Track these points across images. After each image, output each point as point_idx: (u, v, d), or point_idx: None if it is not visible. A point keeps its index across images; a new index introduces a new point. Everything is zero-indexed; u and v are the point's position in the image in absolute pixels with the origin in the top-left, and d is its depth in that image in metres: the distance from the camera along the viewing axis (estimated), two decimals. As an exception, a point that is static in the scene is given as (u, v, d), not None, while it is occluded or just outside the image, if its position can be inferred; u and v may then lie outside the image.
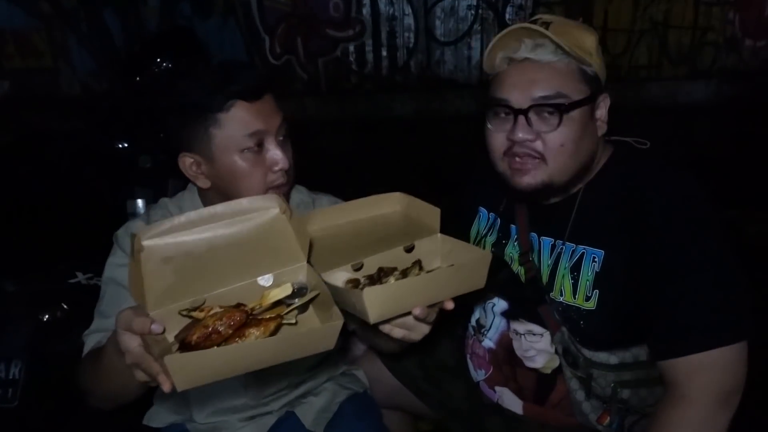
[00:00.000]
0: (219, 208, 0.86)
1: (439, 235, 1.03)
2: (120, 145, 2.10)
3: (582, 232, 1.12)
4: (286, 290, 0.86)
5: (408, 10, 6.16)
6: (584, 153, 1.09)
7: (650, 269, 1.03)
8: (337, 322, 0.78)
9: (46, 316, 1.55)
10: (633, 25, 6.24)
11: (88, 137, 2.26)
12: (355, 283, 0.94)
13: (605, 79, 1.11)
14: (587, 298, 1.11)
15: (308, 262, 0.93)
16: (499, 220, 1.32)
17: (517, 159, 1.08)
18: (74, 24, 5.53)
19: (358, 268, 0.99)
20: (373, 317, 0.79)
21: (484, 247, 1.33)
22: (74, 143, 2.28)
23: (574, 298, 1.13)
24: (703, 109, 6.07)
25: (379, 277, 0.93)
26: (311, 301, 0.88)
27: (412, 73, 6.32)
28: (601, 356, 1.14)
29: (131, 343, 0.77)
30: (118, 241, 1.19)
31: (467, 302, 1.42)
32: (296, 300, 0.86)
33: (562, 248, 1.15)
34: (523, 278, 1.22)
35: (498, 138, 1.11)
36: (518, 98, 1.06)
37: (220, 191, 1.14)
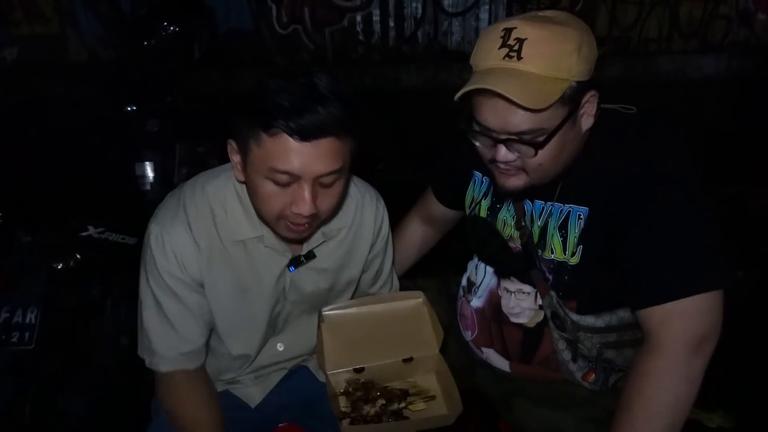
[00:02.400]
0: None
1: (437, 354, 1.24)
2: (128, 109, 2.12)
3: (569, 192, 1.16)
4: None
5: (416, -21, 6.08)
6: (567, 156, 1.09)
7: (625, 223, 1.06)
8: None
9: (60, 266, 1.60)
10: (644, -4, 6.13)
11: (96, 101, 2.29)
12: (354, 385, 1.18)
13: (594, 67, 1.03)
14: (573, 254, 1.16)
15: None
16: (493, 184, 1.33)
17: (501, 166, 1.09)
18: (81, -11, 5.51)
19: (359, 371, 1.19)
20: None
21: (479, 212, 1.36)
22: (82, 106, 2.31)
23: (564, 255, 1.17)
24: (713, 84, 6.00)
25: (366, 398, 1.16)
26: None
27: (420, 44, 6.26)
28: (588, 320, 1.19)
29: None
30: (151, 248, 1.12)
31: (462, 262, 1.47)
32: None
33: (551, 209, 1.19)
34: (518, 242, 1.26)
35: (483, 151, 1.11)
36: (495, 128, 1.04)
37: (248, 193, 1.10)
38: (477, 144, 1.11)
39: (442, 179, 1.54)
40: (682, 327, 1.01)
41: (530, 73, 0.97)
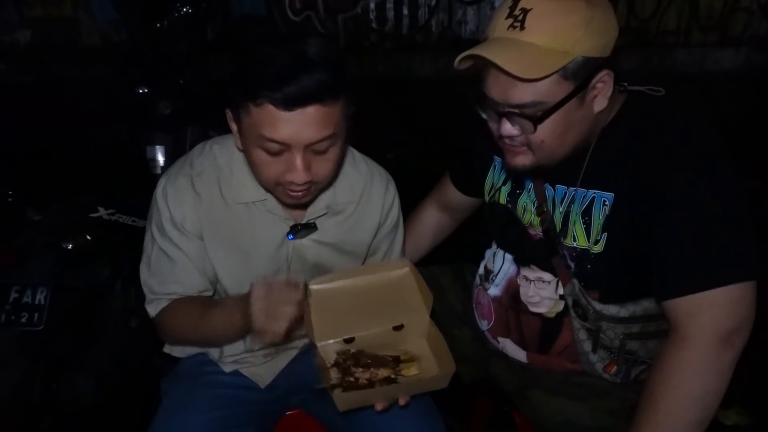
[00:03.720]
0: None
1: (428, 319, 1.21)
2: (140, 91, 2.11)
3: (593, 177, 1.12)
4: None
5: (431, -33, 6.02)
6: (574, 137, 1.06)
7: (653, 207, 1.02)
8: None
9: (70, 246, 1.59)
10: (663, -13, 6.02)
11: (108, 83, 2.28)
12: (345, 356, 1.14)
13: (612, 46, 1.00)
14: (596, 242, 1.12)
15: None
16: (503, 163, 1.31)
17: (507, 142, 1.09)
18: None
19: (349, 341, 1.16)
20: (341, 408, 1.04)
21: (498, 199, 1.33)
22: (94, 88, 2.29)
23: (588, 242, 1.14)
24: (732, 78, 5.90)
25: (357, 365, 1.12)
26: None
27: (433, 32, 6.21)
28: (611, 309, 1.16)
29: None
30: (156, 199, 1.17)
31: (477, 251, 1.44)
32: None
33: (574, 194, 1.16)
34: (538, 228, 1.23)
35: (492, 125, 1.11)
36: (498, 99, 1.03)
37: (247, 161, 1.12)
38: (484, 117, 1.11)
39: (461, 165, 1.52)
40: (712, 318, 0.97)
41: (530, 43, 0.96)
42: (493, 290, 1.34)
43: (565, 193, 1.18)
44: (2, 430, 1.52)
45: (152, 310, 1.21)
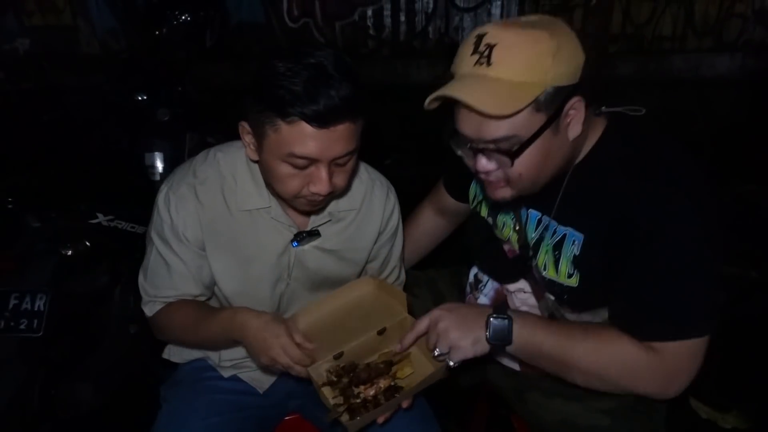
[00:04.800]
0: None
1: (407, 317, 1.21)
2: (139, 98, 2.12)
3: (566, 213, 1.12)
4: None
5: (428, -26, 6.06)
6: (552, 165, 1.04)
7: (630, 258, 1.02)
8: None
9: (69, 252, 1.60)
10: (659, -7, 6.07)
11: (107, 89, 2.29)
12: (336, 373, 1.14)
13: (580, 72, 0.97)
14: (569, 275, 1.12)
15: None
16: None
17: (483, 177, 1.08)
18: (93, -19, 5.53)
19: (338, 356, 1.16)
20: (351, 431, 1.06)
21: (480, 211, 1.33)
22: (93, 95, 2.30)
23: (556, 274, 1.14)
24: (727, 83, 5.94)
25: (357, 382, 1.13)
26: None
27: (430, 39, 6.25)
28: (585, 317, 1.17)
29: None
30: (158, 206, 1.17)
31: (468, 258, 1.45)
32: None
33: (548, 224, 1.16)
34: (515, 246, 1.24)
35: (468, 162, 1.09)
36: (471, 136, 1.01)
37: (263, 172, 1.13)
38: (459, 154, 1.09)
39: (452, 171, 1.53)
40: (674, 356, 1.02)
41: (499, 78, 0.94)
42: (483, 299, 1.34)
43: (540, 219, 1.18)
44: (1, 437, 1.52)
45: (148, 310, 1.23)
